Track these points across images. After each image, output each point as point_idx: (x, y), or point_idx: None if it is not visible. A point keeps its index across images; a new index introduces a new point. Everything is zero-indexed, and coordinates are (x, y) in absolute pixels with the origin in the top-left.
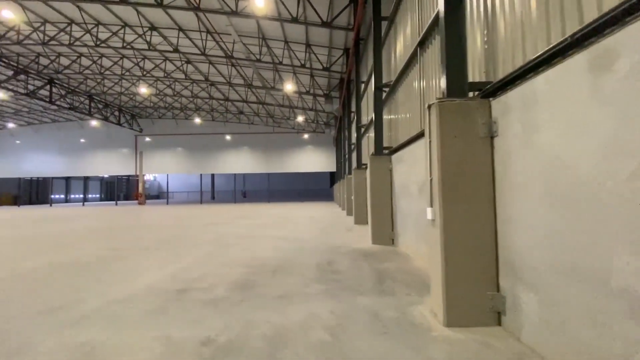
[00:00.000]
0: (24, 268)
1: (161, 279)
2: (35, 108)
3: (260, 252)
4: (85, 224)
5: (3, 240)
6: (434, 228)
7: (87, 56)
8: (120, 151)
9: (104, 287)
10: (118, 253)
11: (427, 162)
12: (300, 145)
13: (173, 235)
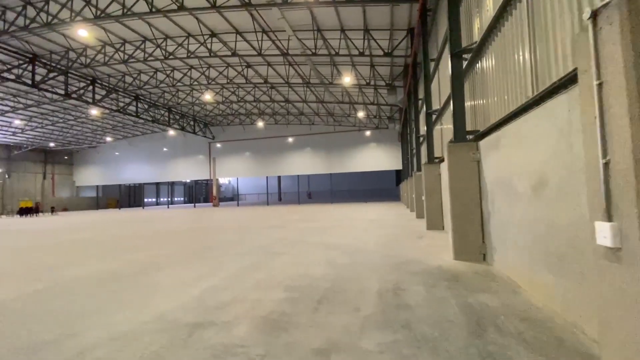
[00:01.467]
0: (50, 280)
1: (181, 304)
2: (127, 122)
3: (309, 267)
4: (155, 227)
5: (68, 244)
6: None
7: (161, 71)
8: (197, 157)
9: (113, 312)
10: (160, 262)
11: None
12: (362, 143)
13: (226, 240)
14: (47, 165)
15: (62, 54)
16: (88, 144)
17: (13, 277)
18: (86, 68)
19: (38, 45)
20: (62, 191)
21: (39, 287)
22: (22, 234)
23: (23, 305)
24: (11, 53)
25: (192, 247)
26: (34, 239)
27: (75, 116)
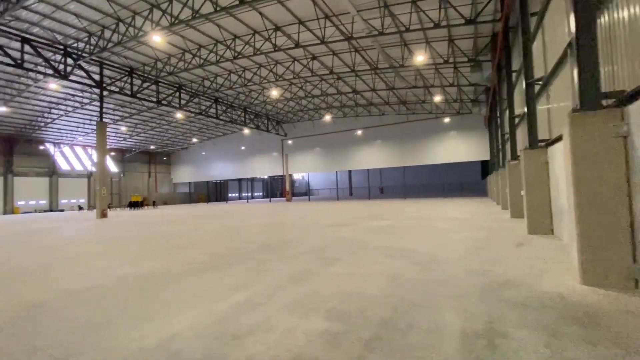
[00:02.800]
0: (95, 280)
1: (199, 324)
2: (210, 124)
3: (366, 283)
4: (225, 222)
5: (145, 236)
6: None
7: (233, 72)
8: (271, 155)
9: (116, 331)
10: (209, 263)
11: None
12: (440, 131)
13: (284, 238)
14: (151, 165)
15: (152, 64)
16: (180, 146)
17: (64, 273)
18: (171, 75)
19: (133, 59)
20: (162, 187)
21: (74, 287)
22: (119, 224)
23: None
24: (114, 68)
25: (248, 245)
26: (124, 229)
27: (168, 121)
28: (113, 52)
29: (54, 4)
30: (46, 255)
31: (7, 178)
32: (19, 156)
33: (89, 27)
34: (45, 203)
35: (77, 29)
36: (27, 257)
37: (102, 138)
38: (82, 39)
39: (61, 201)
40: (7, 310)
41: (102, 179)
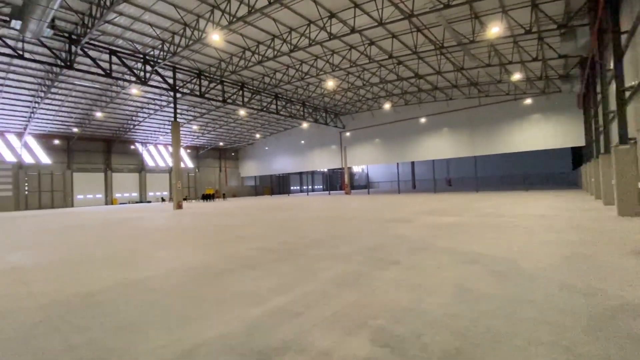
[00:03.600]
0: (142, 273)
1: (227, 334)
2: (272, 120)
3: (425, 295)
4: (282, 215)
5: (205, 228)
6: None
7: (291, 66)
8: (330, 148)
9: (148, 334)
10: (255, 259)
11: None
12: (519, 115)
13: (337, 234)
14: (221, 160)
15: (217, 65)
16: (246, 142)
17: (115, 264)
18: (234, 74)
19: (200, 61)
20: (232, 181)
21: (128, 278)
22: (188, 216)
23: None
24: (185, 71)
25: (301, 240)
26: (191, 220)
27: (234, 119)
28: (183, 56)
29: (132, 16)
30: (118, 244)
31: (107, 174)
32: (116, 155)
33: (162, 35)
34: (136, 195)
35: (152, 38)
36: (105, 246)
37: (176, 136)
38: (157, 47)
39: (149, 193)
40: (63, 300)
41: (178, 174)
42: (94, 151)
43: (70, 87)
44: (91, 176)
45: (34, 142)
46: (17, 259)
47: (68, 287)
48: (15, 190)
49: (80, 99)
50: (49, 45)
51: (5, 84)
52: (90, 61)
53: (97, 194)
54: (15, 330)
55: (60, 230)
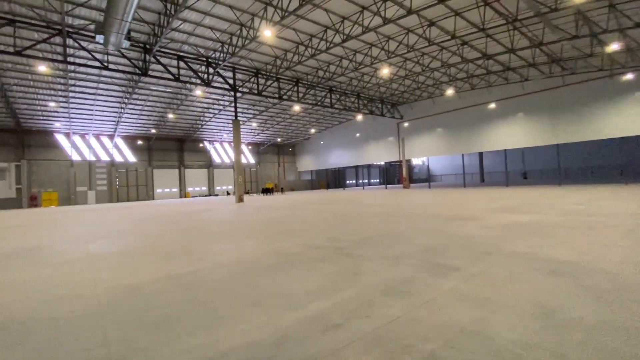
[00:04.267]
0: (191, 267)
1: (254, 343)
2: (326, 114)
3: (495, 315)
4: (335, 209)
5: (254, 223)
6: None
7: (344, 57)
8: (387, 140)
9: (180, 334)
10: (300, 255)
11: None
12: (616, 94)
13: (390, 231)
14: (280, 155)
15: (272, 63)
16: (302, 137)
17: (171, 256)
18: (288, 70)
19: (257, 60)
20: (289, 175)
21: (177, 271)
22: (248, 208)
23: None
24: (243, 71)
25: (350, 237)
26: (249, 213)
27: (290, 115)
28: (241, 56)
29: (194, 21)
30: (179, 236)
31: (181, 170)
32: (188, 152)
33: (221, 37)
34: (205, 189)
35: (212, 40)
36: (167, 238)
37: (237, 134)
38: (217, 49)
39: (216, 187)
40: (116, 291)
41: (239, 169)
42: (169, 150)
43: (148, 93)
44: (168, 172)
45: (122, 143)
46: (95, 248)
47: (125, 277)
48: (109, 185)
49: (156, 103)
50: (128, 56)
51: (97, 93)
52: (161, 67)
53: (173, 188)
54: (61, 321)
55: (138, 222)
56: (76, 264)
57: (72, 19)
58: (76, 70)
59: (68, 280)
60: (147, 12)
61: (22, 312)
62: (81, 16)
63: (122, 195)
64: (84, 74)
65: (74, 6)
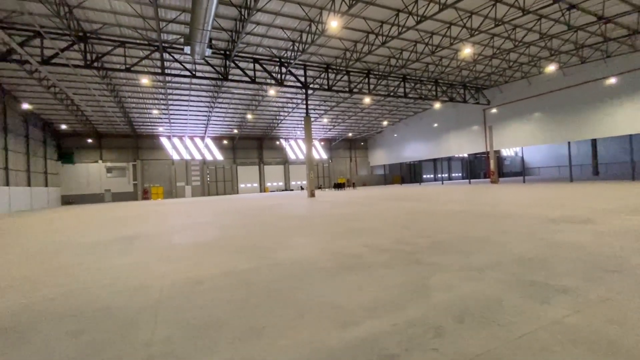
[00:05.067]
0: (252, 262)
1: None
2: (399, 105)
3: None
4: (408, 206)
5: (322, 219)
6: None
7: (419, 41)
8: (470, 129)
9: (217, 345)
10: (363, 257)
11: None
12: None
13: (475, 236)
14: (351, 150)
15: (342, 56)
16: (374, 131)
17: (236, 250)
18: (358, 62)
19: (327, 55)
20: (361, 170)
21: (230, 267)
22: (318, 204)
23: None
24: (314, 67)
25: (420, 240)
26: (318, 208)
27: (361, 108)
28: (311, 52)
29: (266, 23)
30: (250, 229)
31: (260, 166)
32: (266, 150)
33: (291, 35)
34: (282, 184)
35: (284, 40)
36: (238, 231)
37: (308, 130)
38: (289, 48)
39: (291, 182)
40: (179, 285)
41: (310, 165)
42: (250, 148)
43: (230, 96)
44: (249, 169)
45: (211, 143)
46: (177, 239)
47: (191, 270)
48: (201, 181)
49: (238, 105)
50: (212, 63)
51: (190, 99)
52: (240, 71)
53: (254, 183)
54: (120, 314)
55: (219, 214)
56: (156, 254)
57: (166, 35)
58: (172, 81)
59: (144, 270)
60: (224, 20)
61: (95, 301)
62: (172, 31)
63: (212, 190)
64: (178, 83)
65: (166, 23)
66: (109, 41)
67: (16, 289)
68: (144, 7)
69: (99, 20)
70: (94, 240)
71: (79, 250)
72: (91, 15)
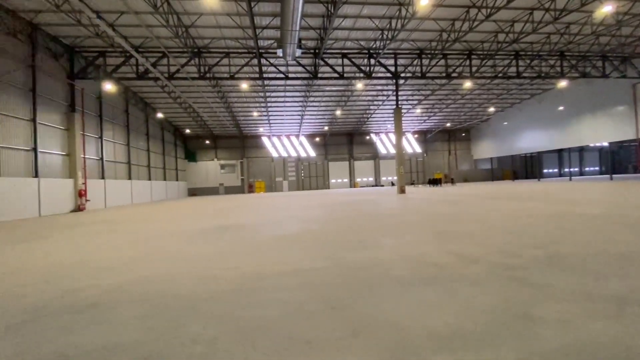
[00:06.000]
0: (318, 261)
1: None
2: (511, 87)
3: None
4: (518, 206)
5: (404, 217)
6: None
7: (537, 8)
8: (612, 110)
9: None
10: (435, 272)
11: None
12: None
13: (607, 250)
14: (450, 142)
15: (437, 38)
16: (479, 119)
17: (307, 247)
18: (457, 42)
19: (420, 39)
20: (462, 164)
21: (292, 266)
22: (407, 201)
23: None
24: (405, 55)
25: (529, 251)
26: (409, 206)
27: (462, 95)
28: (401, 39)
29: (353, 15)
30: (331, 226)
31: (350, 162)
32: (356, 145)
33: (380, 24)
34: (372, 179)
35: (372, 30)
36: (320, 227)
37: (398, 123)
38: (377, 38)
39: (382, 178)
40: (247, 279)
41: (400, 160)
42: (340, 144)
43: (321, 94)
44: (339, 164)
45: (305, 140)
46: (264, 231)
47: (262, 265)
48: (296, 176)
49: (328, 102)
50: (302, 63)
51: (285, 100)
52: (328, 68)
53: (344, 179)
54: (189, 304)
55: (309, 208)
56: (237, 245)
57: (261, 42)
58: (269, 84)
59: (227, 259)
60: (311, 19)
61: (168, 289)
62: (266, 37)
63: (306, 185)
64: (274, 85)
65: (260, 30)
66: (216, 53)
67: (113, 270)
68: (242, 18)
69: (208, 35)
70: (194, 229)
71: (180, 237)
72: (202, 32)
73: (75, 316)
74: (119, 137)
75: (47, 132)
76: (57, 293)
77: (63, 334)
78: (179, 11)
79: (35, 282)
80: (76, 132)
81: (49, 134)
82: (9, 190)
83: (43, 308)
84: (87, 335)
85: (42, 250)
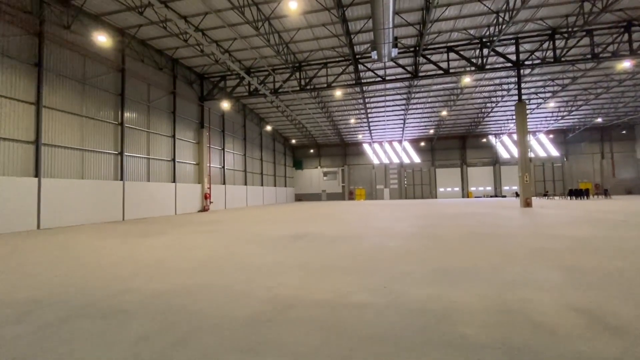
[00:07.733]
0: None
1: None
2: None
3: None
4: None
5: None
6: None
7: None
8: None
9: None
10: (549, 344)
11: None
12: None
13: None
14: (603, 143)
15: (576, 11)
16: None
17: (374, 270)
18: (607, 12)
19: (550, 16)
20: (622, 171)
21: (332, 295)
22: (527, 216)
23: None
24: (530, 38)
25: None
26: (522, 225)
27: (619, 80)
28: (524, 20)
29: (459, 1)
30: (423, 242)
31: (463, 168)
32: (470, 150)
33: (493, 5)
34: (490, 189)
35: (484, 15)
36: (413, 244)
37: (521, 119)
38: (491, 23)
39: (504, 187)
40: (281, 299)
41: (525, 165)
42: (450, 148)
43: (425, 95)
44: (449, 171)
45: (408, 146)
46: (337, 245)
47: (304, 288)
48: (399, 184)
49: (433, 103)
50: (401, 64)
51: (385, 105)
52: (431, 66)
53: (454, 187)
54: (225, 325)
55: (405, 219)
56: (299, 258)
57: (357, 47)
58: (368, 90)
59: (266, 277)
60: (407, 14)
61: (219, 300)
62: (361, 42)
63: (409, 193)
64: (373, 90)
65: (354, 34)
66: (315, 65)
67: (181, 273)
68: (336, 26)
69: (306, 49)
70: (276, 235)
71: (259, 244)
72: (301, 46)
73: (86, 321)
74: (238, 148)
75: (182, 145)
76: (110, 291)
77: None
78: (279, 29)
79: (114, 278)
80: (204, 145)
81: (183, 147)
82: (157, 192)
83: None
84: (86, 343)
85: (150, 246)
